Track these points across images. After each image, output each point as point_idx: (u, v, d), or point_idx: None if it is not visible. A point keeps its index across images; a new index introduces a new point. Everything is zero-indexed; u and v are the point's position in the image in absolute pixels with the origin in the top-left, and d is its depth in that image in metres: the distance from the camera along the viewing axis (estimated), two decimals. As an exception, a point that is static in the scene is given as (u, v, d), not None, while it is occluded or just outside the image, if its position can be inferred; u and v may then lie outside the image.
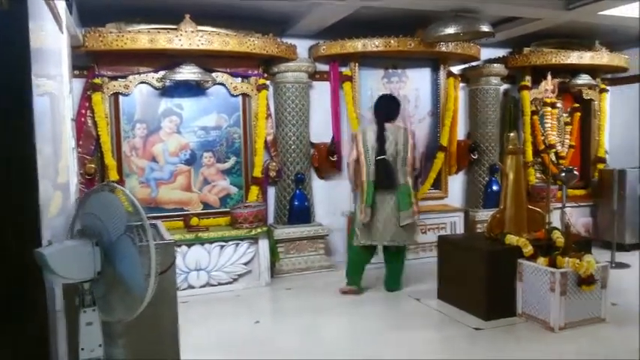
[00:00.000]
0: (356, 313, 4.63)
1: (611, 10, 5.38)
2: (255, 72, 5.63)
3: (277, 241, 5.60)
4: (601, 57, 6.73)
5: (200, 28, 5.08)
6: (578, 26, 6.12)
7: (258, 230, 5.26)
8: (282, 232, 5.67)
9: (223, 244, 5.20)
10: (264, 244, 5.33)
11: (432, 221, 6.12)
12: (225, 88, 5.55)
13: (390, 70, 6.24)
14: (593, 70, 6.95)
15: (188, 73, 5.12)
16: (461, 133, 6.70)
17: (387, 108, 4.91)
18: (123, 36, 4.85)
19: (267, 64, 5.71)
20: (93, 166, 5.09)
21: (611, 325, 4.02)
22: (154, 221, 3.63)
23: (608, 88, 7.33)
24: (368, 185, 4.74)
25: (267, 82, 5.75)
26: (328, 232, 5.85)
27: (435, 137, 6.42)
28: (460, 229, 6.30)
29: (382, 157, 4.70)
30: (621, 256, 5.99)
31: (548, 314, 3.96)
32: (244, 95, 5.64)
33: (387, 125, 4.80)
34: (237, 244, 5.25)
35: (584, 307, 4.00)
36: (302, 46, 5.91)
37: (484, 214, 6.15)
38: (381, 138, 4.73)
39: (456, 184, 6.81)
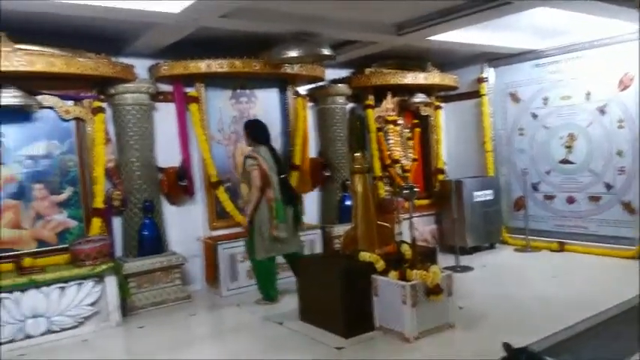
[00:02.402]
0: (218, 343, 4.45)
1: (438, 35, 5.85)
2: (89, 94, 5.20)
3: (127, 276, 5.18)
4: (433, 77, 7.30)
5: (20, 46, 4.54)
6: (411, 49, 6.55)
7: (103, 267, 4.79)
8: (133, 265, 5.25)
9: (64, 285, 4.64)
10: (111, 281, 4.87)
11: (290, 241, 6.08)
12: (55, 112, 5.04)
13: (239, 91, 6.14)
14: (428, 89, 7.51)
15: (8, 97, 4.54)
16: (312, 152, 6.80)
17: (265, 130, 5.26)
18: None
19: (103, 85, 5.30)
20: None
21: (460, 330, 4.24)
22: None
23: (441, 105, 7.96)
24: (277, 202, 5.03)
25: (104, 105, 5.34)
26: (183, 260, 5.54)
27: (287, 156, 6.42)
28: (318, 246, 6.34)
29: (284, 175, 5.22)
30: (465, 259, 6.48)
31: (402, 326, 4.07)
32: (78, 119, 5.18)
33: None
34: (80, 284, 4.72)
35: (435, 315, 4.17)
36: (142, 66, 5.60)
37: (340, 229, 6.25)
38: (276, 157, 5.18)
39: (312, 201, 6.88)
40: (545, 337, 4.02)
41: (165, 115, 5.76)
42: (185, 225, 5.88)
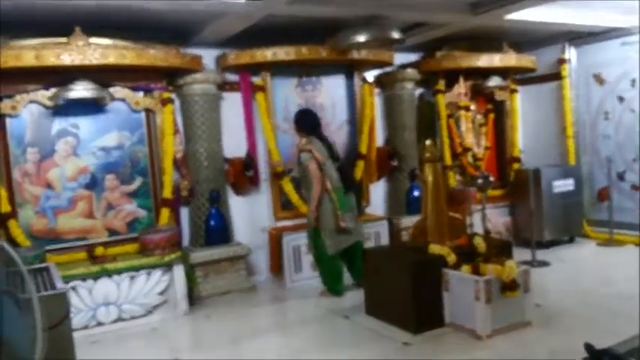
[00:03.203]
0: (282, 335, 4.43)
1: (516, 14, 5.48)
2: (159, 85, 5.26)
3: (194, 266, 5.24)
4: (509, 59, 6.87)
5: (93, 40, 4.65)
6: (486, 29, 6.20)
7: (172, 256, 4.86)
8: (199, 255, 5.30)
9: (134, 274, 4.76)
10: (179, 271, 4.94)
11: (357, 232, 5.95)
12: (126, 103, 5.15)
13: (304, 79, 6.04)
14: (503, 72, 7.09)
15: (82, 90, 4.68)
16: (379, 140, 6.61)
17: (314, 119, 5.18)
18: (5, 52, 4.32)
19: (171, 76, 5.35)
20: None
21: (536, 328, 4.00)
22: (45, 264, 3.25)
23: (518, 88, 7.52)
24: (338, 192, 4.96)
25: (173, 96, 5.40)
26: (248, 251, 5.54)
27: (353, 145, 6.28)
28: (385, 238, 6.17)
29: (338, 163, 5.10)
30: (541, 254, 6.10)
31: (474, 323, 3.87)
32: (148, 110, 5.25)
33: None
34: (150, 273, 4.82)
35: (510, 312, 3.94)
36: (209, 57, 5.61)
37: (408, 221, 6.08)
38: (328, 145, 5.08)
39: (378, 192, 6.71)
40: (629, 338, 3.67)
41: (232, 105, 5.76)
42: (250, 215, 5.89)
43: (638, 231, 6.43)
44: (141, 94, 5.21)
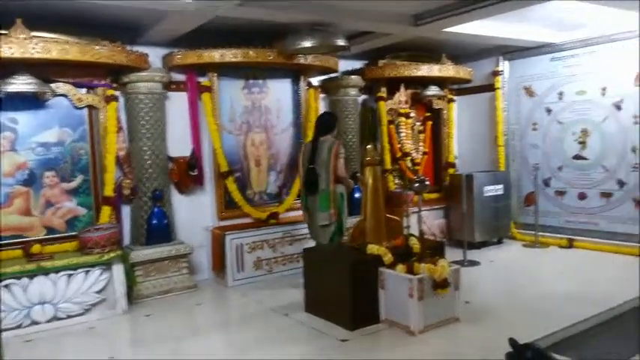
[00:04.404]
0: (223, 333, 4.48)
1: (454, 27, 5.79)
2: (103, 82, 5.20)
3: (134, 264, 5.22)
4: (447, 69, 7.22)
5: (35, 34, 4.55)
6: (426, 41, 6.49)
7: (111, 254, 4.82)
8: (140, 253, 5.28)
9: (71, 272, 4.68)
10: (118, 269, 4.91)
11: (298, 232, 6.09)
12: (68, 99, 5.06)
13: (251, 81, 6.12)
14: (441, 82, 7.43)
15: (21, 84, 4.56)
16: (323, 143, 6.77)
17: (318, 124, 5.31)
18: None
19: (116, 73, 5.31)
20: None
21: (465, 324, 4.25)
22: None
23: (454, 98, 7.89)
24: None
25: (117, 93, 5.35)
26: (191, 250, 5.56)
27: (298, 148, 6.40)
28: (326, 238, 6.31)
29: (311, 165, 5.12)
30: (472, 254, 6.45)
31: (408, 319, 4.08)
32: (91, 107, 5.18)
33: (321, 138, 5.17)
34: (88, 272, 4.75)
35: (441, 309, 4.18)
36: (156, 55, 5.60)
37: (352, 221, 6.24)
38: (314, 148, 5.18)
39: (321, 193, 6.87)
40: (552, 333, 4.01)
41: (178, 105, 5.77)
42: (194, 214, 5.91)
43: (561, 234, 6.93)
44: (84, 90, 5.14)
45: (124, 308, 4.92)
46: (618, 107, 6.40)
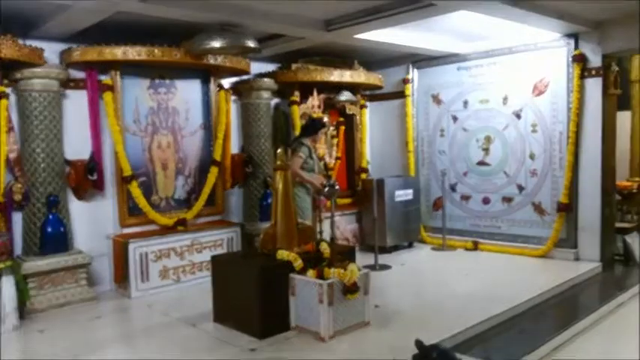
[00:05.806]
0: (125, 347, 4.25)
1: (365, 34, 5.86)
2: (-10, 78, 4.78)
3: (27, 276, 4.81)
4: (359, 75, 7.30)
5: None
6: (339, 46, 6.53)
7: (0, 266, 4.41)
8: (33, 264, 4.88)
9: (-47, 285, 4.25)
10: (8, 282, 4.50)
11: (208, 239, 5.89)
12: (-51, 96, 4.59)
13: (157, 81, 5.85)
14: (354, 87, 7.51)
15: None
16: (235, 147, 6.62)
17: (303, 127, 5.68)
18: None
19: (7, 69, 4.88)
20: None
21: (375, 328, 4.28)
22: None
23: (367, 104, 8.00)
24: None
25: (8, 90, 4.94)
26: (90, 259, 5.21)
27: (208, 151, 6.21)
28: (238, 245, 6.18)
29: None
30: (384, 258, 6.54)
31: (318, 325, 4.04)
32: (-24, 105, 4.73)
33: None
34: (-28, 285, 4.33)
35: (351, 313, 4.17)
36: (52, 51, 5.24)
37: (261, 227, 6.11)
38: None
39: (233, 198, 6.71)
40: (457, 333, 4.12)
41: (77, 104, 5.41)
42: (94, 222, 5.56)
43: (467, 237, 7.20)
44: (-32, 86, 4.69)
45: (15, 324, 4.53)
46: (518, 116, 6.76)
